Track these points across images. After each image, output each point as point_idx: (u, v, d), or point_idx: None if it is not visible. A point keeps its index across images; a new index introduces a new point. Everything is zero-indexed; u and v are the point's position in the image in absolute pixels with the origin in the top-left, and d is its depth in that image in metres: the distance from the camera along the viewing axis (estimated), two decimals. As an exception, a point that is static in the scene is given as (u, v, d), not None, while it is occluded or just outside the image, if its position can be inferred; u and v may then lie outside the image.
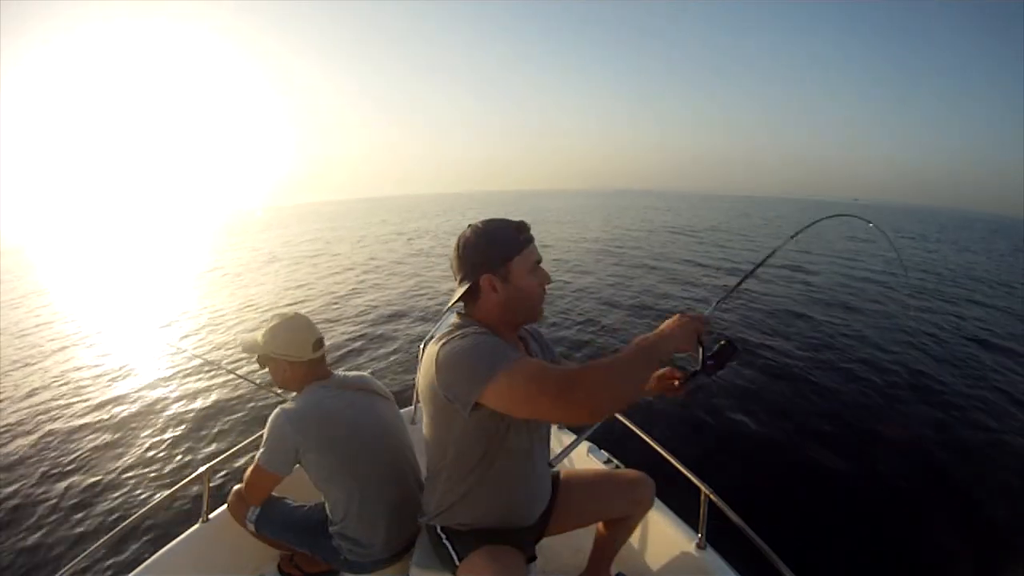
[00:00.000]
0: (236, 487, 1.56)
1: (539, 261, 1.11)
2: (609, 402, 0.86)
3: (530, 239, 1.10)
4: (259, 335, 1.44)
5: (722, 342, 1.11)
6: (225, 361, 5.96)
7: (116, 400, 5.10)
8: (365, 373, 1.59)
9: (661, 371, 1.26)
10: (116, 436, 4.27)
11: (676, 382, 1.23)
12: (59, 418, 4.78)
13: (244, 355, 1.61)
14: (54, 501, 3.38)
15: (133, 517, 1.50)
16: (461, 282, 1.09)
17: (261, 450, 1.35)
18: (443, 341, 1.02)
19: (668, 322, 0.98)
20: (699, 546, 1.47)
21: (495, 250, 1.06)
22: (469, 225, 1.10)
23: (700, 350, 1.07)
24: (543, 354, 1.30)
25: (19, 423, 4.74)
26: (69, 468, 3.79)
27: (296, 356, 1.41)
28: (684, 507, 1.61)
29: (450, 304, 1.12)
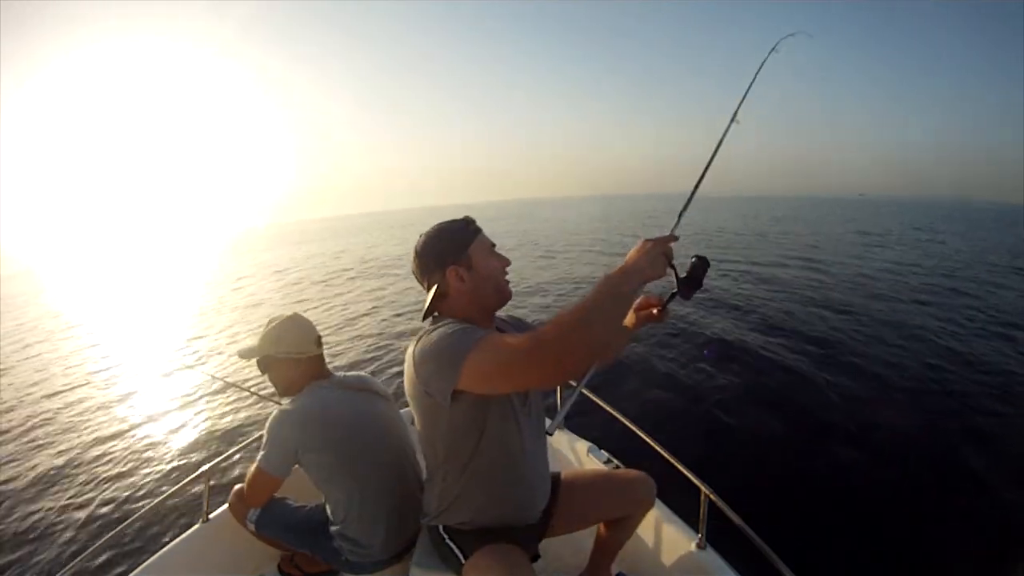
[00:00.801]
0: (237, 487, 1.56)
1: (493, 246, 1.15)
2: (585, 350, 0.81)
3: (479, 229, 1.14)
4: (258, 339, 1.43)
5: (693, 259, 1.05)
6: (229, 376, 5.97)
7: (117, 402, 5.11)
8: (364, 373, 1.59)
9: (636, 301, 1.23)
10: (117, 437, 4.27)
11: (655, 310, 1.20)
12: (60, 419, 4.79)
13: (243, 361, 1.61)
14: (55, 501, 3.39)
15: (133, 517, 1.50)
16: (429, 285, 1.11)
17: (261, 452, 1.34)
18: (417, 339, 1.03)
19: (633, 250, 0.93)
20: (699, 546, 1.47)
21: (451, 243, 1.10)
22: (420, 234, 1.14)
23: (674, 272, 1.01)
24: (520, 330, 1.29)
25: (20, 424, 4.74)
26: (70, 468, 3.80)
27: (300, 352, 1.41)
28: (684, 507, 1.61)
29: (425, 309, 1.13)
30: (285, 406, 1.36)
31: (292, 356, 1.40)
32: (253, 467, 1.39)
